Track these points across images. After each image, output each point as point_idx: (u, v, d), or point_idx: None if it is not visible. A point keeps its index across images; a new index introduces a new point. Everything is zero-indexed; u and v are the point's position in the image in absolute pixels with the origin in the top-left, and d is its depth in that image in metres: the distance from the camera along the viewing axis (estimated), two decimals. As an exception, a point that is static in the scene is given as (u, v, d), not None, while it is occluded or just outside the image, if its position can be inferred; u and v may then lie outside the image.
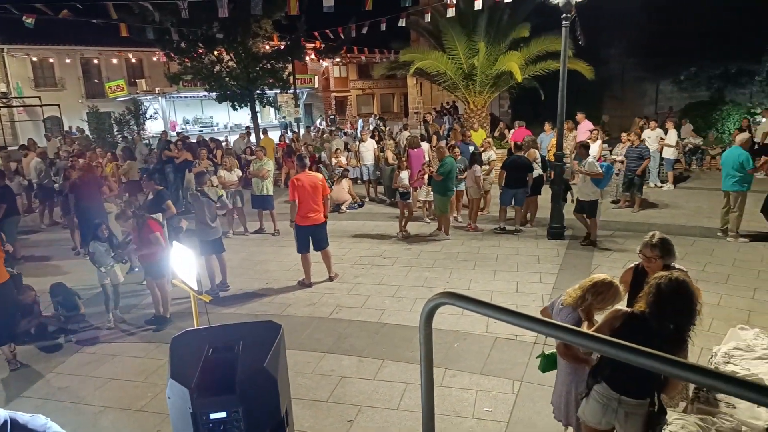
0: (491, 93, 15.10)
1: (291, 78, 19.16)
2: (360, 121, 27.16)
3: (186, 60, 17.71)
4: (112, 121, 21.56)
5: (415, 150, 11.36)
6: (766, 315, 5.77)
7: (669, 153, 12.30)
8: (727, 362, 3.37)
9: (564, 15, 8.12)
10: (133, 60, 29.76)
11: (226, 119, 28.22)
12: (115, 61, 29.01)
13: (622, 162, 10.74)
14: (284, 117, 22.11)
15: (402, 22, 14.35)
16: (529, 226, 9.71)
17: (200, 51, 17.60)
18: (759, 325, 5.34)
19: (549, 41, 13.03)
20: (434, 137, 14.21)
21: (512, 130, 14.22)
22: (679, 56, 16.02)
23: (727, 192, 8.34)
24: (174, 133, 21.48)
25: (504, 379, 4.69)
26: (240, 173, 10.44)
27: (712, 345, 4.12)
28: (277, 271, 8.05)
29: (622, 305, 3.10)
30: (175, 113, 27.41)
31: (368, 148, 13.10)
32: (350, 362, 5.16)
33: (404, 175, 9.52)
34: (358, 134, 19.92)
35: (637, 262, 3.68)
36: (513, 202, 9.33)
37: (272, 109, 23.66)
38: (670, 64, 16.49)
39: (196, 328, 2.20)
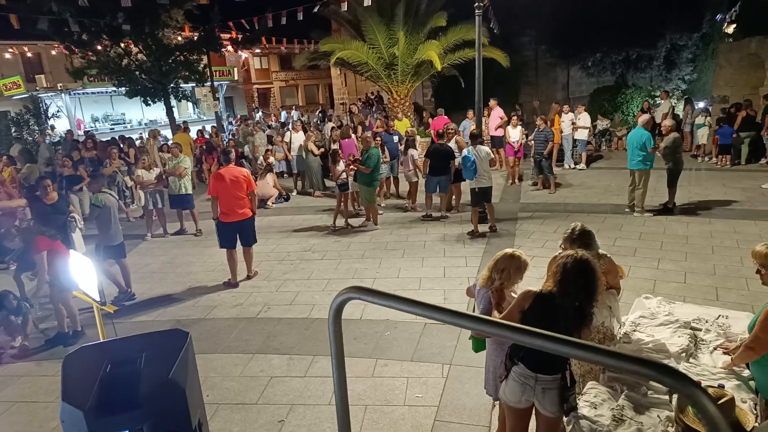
0: (413, 82, 15.25)
1: (207, 70, 18.35)
2: (284, 112, 26.59)
3: (89, 53, 16.47)
4: (9, 122, 19.72)
5: (346, 140, 11.29)
6: (669, 283, 6.26)
7: (581, 135, 13.01)
8: (634, 330, 3.61)
9: (477, 4, 8.31)
10: (30, 54, 27.30)
11: (140, 116, 26.66)
12: (8, 55, 26.48)
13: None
14: (207, 111, 21.11)
15: (320, 11, 14.12)
16: (455, 212, 9.94)
17: (105, 43, 16.42)
18: (663, 293, 5.79)
19: (465, 30, 13.32)
20: (359, 128, 14.17)
21: (434, 119, 14.47)
22: (586, 43, 16.90)
23: (632, 171, 8.93)
24: (81, 133, 20.01)
25: (434, 364, 4.77)
26: (159, 172, 9.90)
27: (622, 315, 4.39)
28: (201, 273, 7.72)
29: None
30: (81, 111, 25.52)
31: (299, 140, 12.86)
32: (280, 361, 5.05)
33: (341, 166, 9.44)
34: (290, 126, 19.51)
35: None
36: (438, 190, 9.50)
37: (190, 104, 22.63)
38: (579, 50, 17.37)
39: (92, 343, 2.04)
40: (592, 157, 13.83)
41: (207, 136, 16.40)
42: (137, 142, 16.27)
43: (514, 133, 11.79)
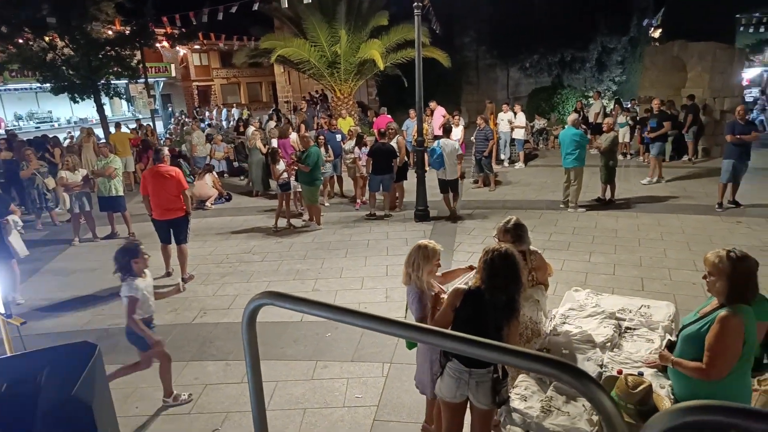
0: (356, 81, 15.22)
1: (141, 66, 17.54)
2: (224, 110, 25.87)
3: (10, 47, 15.35)
4: None
5: (283, 140, 11.11)
6: (600, 275, 6.54)
7: (519, 134, 13.39)
8: (564, 323, 3.73)
9: (416, 4, 8.35)
10: (-58, 46, 25.21)
11: (69, 113, 25.16)
12: None
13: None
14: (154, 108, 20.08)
15: (258, 7, 13.80)
16: (398, 210, 9.98)
17: (27, 36, 15.35)
18: (594, 285, 6.03)
19: (407, 30, 13.41)
20: (302, 126, 13.99)
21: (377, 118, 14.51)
22: (524, 45, 17.47)
23: (567, 168, 9.28)
24: (2, 132, 18.65)
25: (374, 363, 4.75)
26: (85, 173, 9.34)
27: (552, 308, 4.52)
28: (133, 279, 7.35)
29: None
30: (3, 108, 23.82)
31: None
32: (216, 368, 4.88)
33: (282, 165, 9.25)
34: (224, 125, 19.01)
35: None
36: (381, 188, 9.51)
37: (124, 102, 21.59)
38: (517, 52, 17.92)
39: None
40: (530, 156, 14.27)
41: (143, 135, 15.69)
42: (66, 142, 15.37)
43: (456, 132, 11.96)
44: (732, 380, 2.52)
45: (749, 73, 31.60)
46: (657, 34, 20.20)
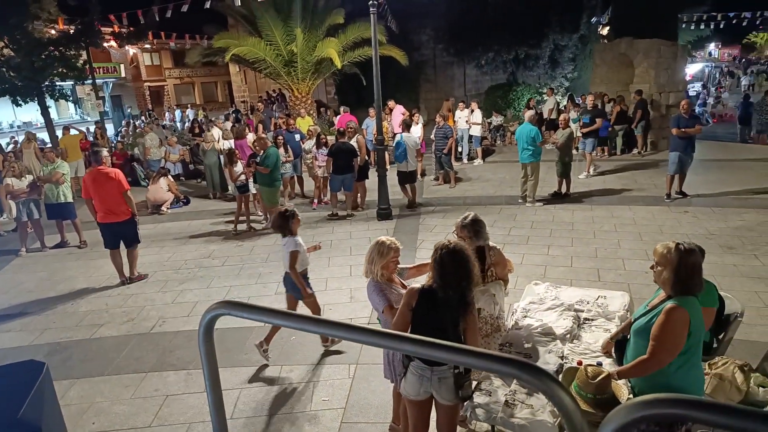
0: (314, 80, 15.08)
1: (88, 67, 16.85)
2: (178, 111, 25.17)
3: (-58, 48, 14.47)
4: None
5: (240, 141, 10.91)
6: (558, 267, 6.71)
7: (476, 131, 13.58)
8: (525, 316, 3.81)
9: (371, 2, 8.34)
10: None
11: (12, 117, 23.96)
12: None
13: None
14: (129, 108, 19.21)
15: (211, 5, 13.49)
16: (360, 209, 9.97)
17: (-38, 36, 14.49)
18: (553, 278, 6.18)
19: (363, 28, 13.37)
20: (260, 126, 13.76)
21: (338, 116, 14.44)
22: (479, 43, 17.72)
23: (523, 164, 9.48)
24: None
25: (340, 365, 4.72)
26: (32, 179, 8.91)
27: (514, 302, 4.61)
28: (85, 289, 7.06)
29: None
30: (-62, 112, 22.49)
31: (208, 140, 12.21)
32: (177, 378, 4.74)
33: (239, 167, 9.07)
34: (178, 126, 18.50)
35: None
36: (342, 188, 9.47)
37: (71, 104, 20.67)
38: (473, 49, 18.16)
39: None
40: (487, 152, 14.50)
41: (91, 138, 15.08)
42: (9, 147, 14.62)
43: (416, 130, 12.03)
44: (685, 369, 2.60)
45: (692, 69, 33.17)
46: (605, 31, 20.87)
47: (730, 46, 55.17)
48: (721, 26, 24.27)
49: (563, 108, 14.92)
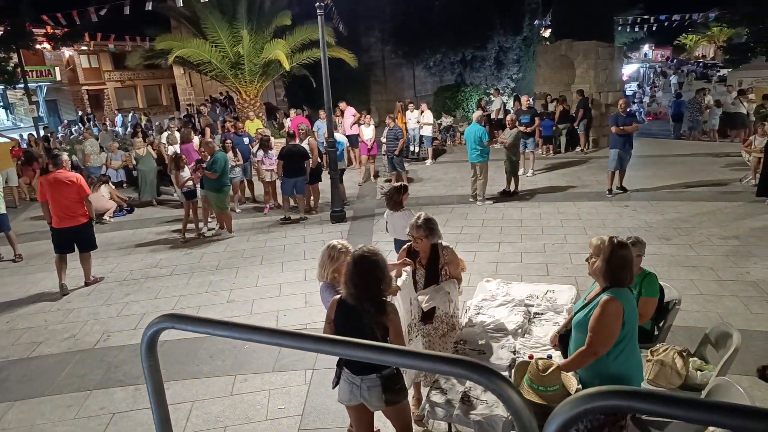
0: (263, 82, 14.84)
1: (19, 70, 15.91)
2: (120, 116, 24.18)
3: None
4: None
5: (186, 145, 10.60)
6: (509, 264, 6.88)
7: (427, 131, 13.75)
8: (478, 313, 3.88)
9: (318, 4, 8.29)
10: None
11: (-65, 124, 22.34)
12: None
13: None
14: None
15: (152, 7, 13.02)
16: (314, 213, 9.88)
17: None
18: (504, 274, 6.33)
19: (311, 30, 13.29)
20: (207, 130, 13.42)
21: (290, 119, 14.29)
22: (426, 44, 17.94)
23: (473, 163, 9.66)
24: None
25: (296, 372, 4.66)
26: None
27: (467, 299, 4.69)
28: (22, 305, 6.66)
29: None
30: None
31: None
32: (125, 394, 4.54)
33: (187, 172, 8.79)
34: (121, 131, 17.79)
35: (410, 242, 3.92)
36: (294, 191, 9.36)
37: (1, 109, 19.45)
38: (421, 51, 18.37)
39: None
40: (438, 152, 14.71)
41: (24, 146, 14.26)
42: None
43: (368, 132, 12.06)
44: (623, 357, 2.74)
45: (628, 69, 34.82)
46: (547, 33, 21.58)
47: (662, 48, 58.36)
48: (654, 28, 25.64)
49: (510, 108, 15.32)
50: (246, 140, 10.95)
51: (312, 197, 10.03)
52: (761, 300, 5.45)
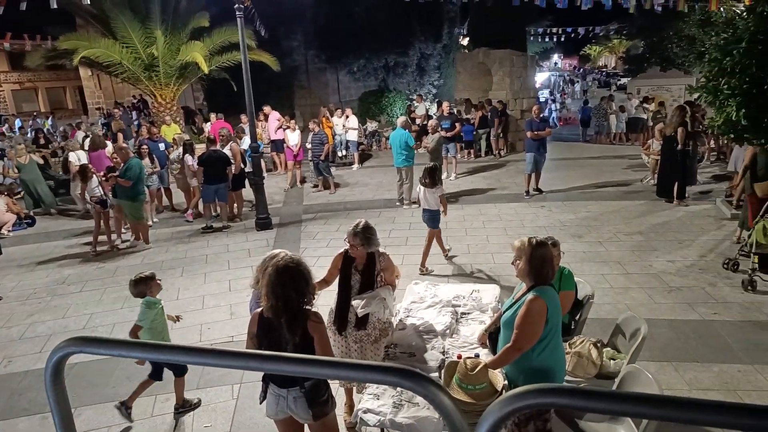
0: (179, 85, 14.19)
1: None
2: (18, 120, 22.21)
3: None
4: None
5: (96, 152, 9.92)
6: (436, 265, 7.02)
7: (353, 136, 13.79)
8: (408, 316, 3.92)
9: (237, 5, 8.07)
10: None
11: None
12: None
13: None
14: None
15: (59, 5, 12.05)
16: (238, 220, 9.58)
17: None
18: (432, 276, 6.47)
19: (230, 32, 12.90)
20: (119, 135, 12.62)
21: (210, 123, 13.79)
22: (349, 49, 18.00)
23: (398, 168, 9.80)
24: None
25: (223, 387, 4.48)
26: None
27: (397, 303, 4.73)
28: None
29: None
30: None
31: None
32: (29, 424, 4.14)
33: (95, 181, 8.21)
34: (19, 137, 16.35)
35: (346, 248, 3.85)
36: (216, 198, 9.02)
37: None
38: (344, 56, 18.40)
39: None
40: (364, 157, 14.78)
41: None
42: None
43: (293, 137, 11.89)
44: (547, 352, 2.89)
45: (540, 77, 36.88)
46: (465, 42, 22.36)
47: (570, 57, 62.37)
48: (562, 39, 27.35)
49: (433, 114, 15.70)
50: (162, 146, 10.43)
51: (235, 204, 9.73)
52: (663, 290, 5.95)
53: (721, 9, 9.13)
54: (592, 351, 3.59)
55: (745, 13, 5.55)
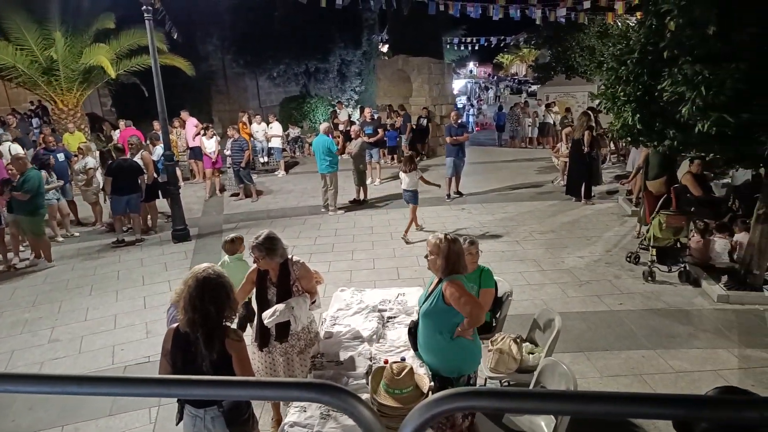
0: (83, 90, 13.25)
1: None
2: None
3: None
4: None
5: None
6: (362, 271, 7.04)
7: (276, 143, 13.55)
8: (334, 324, 3.88)
9: (145, 7, 7.67)
10: None
11: None
12: None
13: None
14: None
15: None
16: (152, 233, 9.08)
17: None
18: (359, 281, 6.47)
19: (139, 34, 12.22)
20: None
21: (119, 131, 13.00)
22: (269, 54, 17.65)
23: (323, 174, 9.73)
24: None
25: (138, 411, 4.20)
26: None
27: (323, 311, 4.68)
28: None
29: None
30: None
31: None
32: None
33: None
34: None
35: None
36: (127, 210, 8.50)
37: None
38: (263, 61, 18.00)
39: None
40: (289, 163, 14.56)
41: None
42: None
43: (210, 144, 11.47)
44: (466, 343, 3.16)
45: (457, 84, 38.18)
46: (385, 48, 22.67)
47: (485, 65, 65.10)
48: (477, 48, 28.48)
49: (356, 120, 15.77)
50: (61, 156, 9.65)
51: (149, 216, 9.22)
52: (574, 285, 6.33)
53: (617, 22, 9.91)
54: (513, 347, 3.75)
55: (636, 26, 6.05)
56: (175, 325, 2.66)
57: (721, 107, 4.55)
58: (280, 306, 3.36)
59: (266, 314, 3.37)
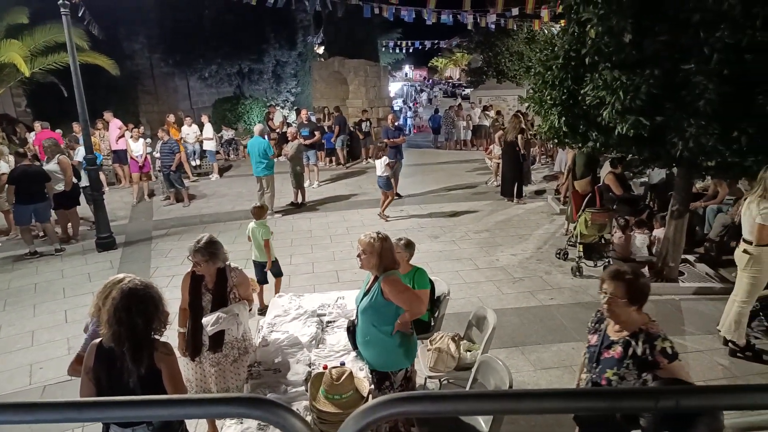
0: (-7, 89, 12.25)
1: None
2: None
3: None
4: None
5: None
6: (302, 275, 6.94)
7: (209, 145, 13.11)
8: (272, 331, 3.78)
9: (61, 2, 7.19)
10: None
11: None
12: None
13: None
14: None
15: None
16: (74, 242, 8.52)
17: None
18: (297, 286, 6.37)
19: (56, 30, 11.48)
20: None
21: (34, 133, 12.12)
22: (199, 54, 17.04)
23: (258, 177, 9.51)
24: None
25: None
26: None
27: (260, 318, 4.56)
28: None
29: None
30: None
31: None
32: None
33: None
34: None
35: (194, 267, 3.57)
36: (34, 219, 7.92)
37: None
38: (194, 61, 17.37)
39: None
40: (223, 167, 14.13)
41: None
42: None
43: (137, 147, 10.91)
44: (404, 337, 3.25)
45: (394, 87, 38.56)
46: (321, 50, 22.51)
47: (420, 68, 66.21)
48: (411, 51, 28.89)
49: (292, 122, 15.54)
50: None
51: (70, 223, 8.64)
52: (508, 282, 6.55)
53: (543, 29, 10.37)
54: (451, 345, 3.81)
55: (560, 33, 6.34)
56: (97, 340, 2.49)
57: (637, 111, 4.85)
58: (222, 314, 3.24)
59: (207, 321, 3.24)
